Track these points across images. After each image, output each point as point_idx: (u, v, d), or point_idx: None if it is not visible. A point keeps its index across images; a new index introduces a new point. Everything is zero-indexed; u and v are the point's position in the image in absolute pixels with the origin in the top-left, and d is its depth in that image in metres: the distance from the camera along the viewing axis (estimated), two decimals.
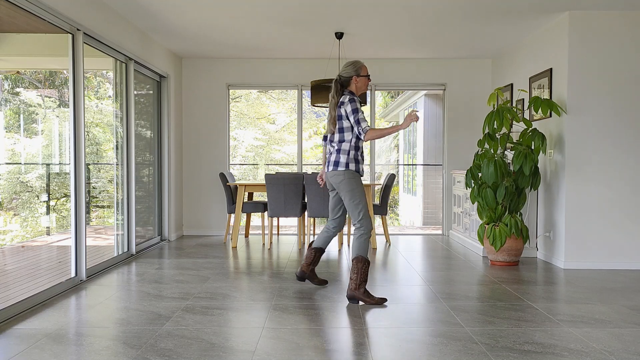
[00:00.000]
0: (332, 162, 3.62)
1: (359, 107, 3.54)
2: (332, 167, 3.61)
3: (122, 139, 5.10)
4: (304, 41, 5.88)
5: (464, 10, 4.69)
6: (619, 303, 3.52)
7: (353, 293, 3.49)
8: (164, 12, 4.81)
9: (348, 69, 3.65)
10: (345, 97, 3.58)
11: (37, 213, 5.71)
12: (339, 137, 3.61)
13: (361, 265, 3.50)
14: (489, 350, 2.60)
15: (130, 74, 5.14)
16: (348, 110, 3.53)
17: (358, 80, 3.66)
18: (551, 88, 5.00)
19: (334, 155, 3.63)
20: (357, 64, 3.67)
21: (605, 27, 4.69)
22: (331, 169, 3.62)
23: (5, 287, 4.12)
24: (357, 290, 3.48)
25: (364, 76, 3.67)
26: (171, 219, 6.36)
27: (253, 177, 13.17)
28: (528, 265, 4.87)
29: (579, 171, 4.72)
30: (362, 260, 3.50)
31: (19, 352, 2.56)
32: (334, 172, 3.60)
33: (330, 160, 3.64)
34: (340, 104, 3.59)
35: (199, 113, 6.83)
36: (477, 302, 3.53)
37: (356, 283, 3.48)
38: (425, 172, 10.75)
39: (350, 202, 3.57)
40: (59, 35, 4.02)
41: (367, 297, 3.48)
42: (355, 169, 3.59)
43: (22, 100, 5.47)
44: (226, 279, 4.22)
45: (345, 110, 3.55)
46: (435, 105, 10.50)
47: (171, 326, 2.96)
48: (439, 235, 6.95)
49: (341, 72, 3.67)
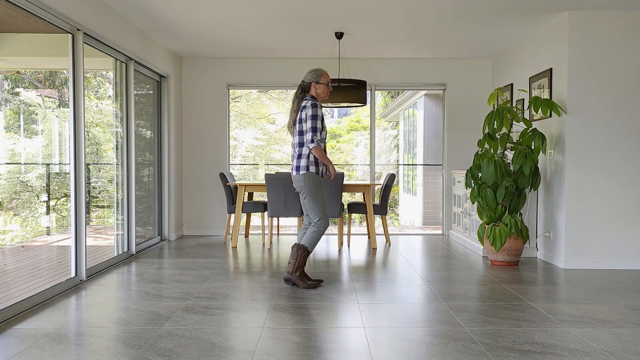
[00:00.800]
0: (295, 167, 3.84)
1: (318, 115, 3.74)
2: (295, 172, 3.83)
3: (122, 139, 5.10)
4: (304, 41, 5.88)
5: (464, 10, 4.69)
6: (619, 303, 3.52)
7: (289, 276, 3.88)
8: (164, 12, 4.81)
9: (310, 75, 3.89)
10: (308, 102, 3.79)
11: (37, 213, 5.71)
12: (299, 140, 3.82)
13: (301, 253, 3.85)
14: (489, 350, 2.60)
15: (130, 74, 5.14)
16: (308, 114, 3.73)
17: (317, 87, 3.87)
18: (551, 88, 5.00)
19: (295, 159, 3.85)
20: (318, 71, 3.89)
21: (605, 27, 4.69)
22: (294, 174, 3.84)
23: (5, 287, 4.12)
24: (294, 273, 3.86)
25: (323, 84, 3.87)
26: (171, 219, 6.36)
27: (253, 177, 13.18)
28: (528, 265, 4.87)
29: (579, 171, 4.72)
30: (302, 249, 3.85)
31: (19, 352, 2.56)
32: (296, 176, 3.82)
33: (293, 165, 3.86)
34: (303, 108, 3.79)
35: (199, 113, 6.83)
36: (477, 302, 3.53)
37: (293, 267, 3.85)
38: (425, 172, 10.75)
39: (310, 203, 3.84)
40: (59, 35, 4.02)
41: (301, 281, 3.85)
42: (315, 171, 3.80)
43: (22, 100, 5.47)
44: (226, 279, 4.22)
45: (306, 114, 3.74)
46: (435, 105, 10.50)
47: (171, 326, 2.96)
48: (439, 235, 6.95)
49: (304, 77, 3.91)
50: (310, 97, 3.83)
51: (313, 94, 3.88)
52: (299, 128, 3.80)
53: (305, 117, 3.74)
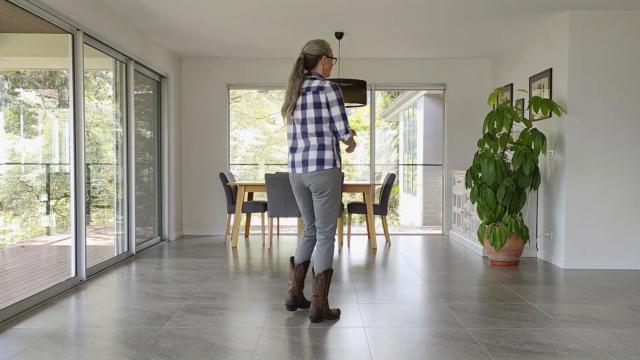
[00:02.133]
0: (314, 160, 3.01)
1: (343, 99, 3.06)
2: (316, 166, 3.01)
3: (122, 139, 5.10)
4: (304, 41, 5.88)
5: (464, 10, 4.69)
6: (619, 303, 3.52)
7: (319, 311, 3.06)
8: (164, 12, 4.81)
9: (316, 46, 3.11)
10: (325, 82, 3.05)
11: (37, 213, 5.71)
12: (316, 129, 3.03)
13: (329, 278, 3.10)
14: (489, 350, 2.60)
15: (130, 74, 5.14)
16: (331, 98, 3.01)
17: (326, 61, 3.14)
18: (551, 88, 5.00)
19: (312, 151, 3.02)
20: (325, 44, 3.15)
21: (605, 27, 4.69)
22: (314, 169, 3.01)
23: (5, 287, 4.12)
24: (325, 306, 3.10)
25: (332, 58, 3.18)
26: (171, 219, 6.36)
27: (253, 177, 13.17)
28: (528, 265, 4.87)
29: (579, 171, 4.72)
30: (329, 273, 3.09)
31: (19, 352, 2.56)
32: (317, 172, 3.01)
33: (308, 159, 3.03)
34: (319, 89, 3.03)
35: (199, 113, 6.83)
36: (477, 302, 3.53)
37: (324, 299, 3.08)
38: (425, 172, 10.75)
39: (330, 207, 3.08)
40: (59, 35, 4.02)
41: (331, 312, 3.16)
42: (340, 167, 3.10)
43: (22, 100, 5.47)
44: (226, 279, 4.22)
45: (327, 98, 3.01)
46: (435, 105, 10.50)
47: (171, 326, 2.96)
48: (439, 235, 6.95)
49: (307, 50, 3.12)
50: (318, 76, 3.11)
51: (319, 72, 3.13)
52: (314, 114, 3.01)
53: (327, 102, 3.01)
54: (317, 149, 3.02)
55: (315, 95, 3.03)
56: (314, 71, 3.14)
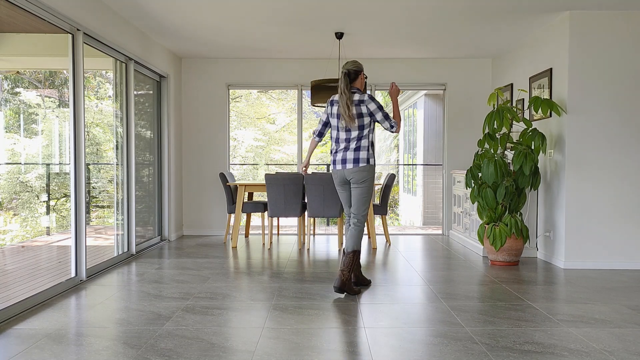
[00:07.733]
0: (357, 159, 3.72)
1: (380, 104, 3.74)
2: (360, 164, 3.71)
3: (122, 139, 5.10)
4: (304, 41, 5.88)
5: (464, 10, 4.69)
6: (619, 303, 3.52)
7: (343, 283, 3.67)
8: (164, 13, 4.81)
9: (357, 64, 3.78)
10: (364, 96, 3.71)
11: (37, 213, 5.71)
12: (358, 134, 3.72)
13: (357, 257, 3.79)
14: (489, 350, 2.60)
15: (130, 74, 5.14)
16: (372, 107, 3.68)
17: (363, 77, 3.81)
18: (551, 88, 5.00)
19: (352, 152, 3.72)
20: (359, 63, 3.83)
21: (605, 27, 4.69)
22: (360, 166, 3.71)
23: (5, 287, 4.11)
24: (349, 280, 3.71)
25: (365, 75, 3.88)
26: (171, 219, 6.36)
27: (253, 177, 13.17)
28: (528, 265, 4.87)
29: (579, 171, 4.72)
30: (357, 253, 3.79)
31: (19, 352, 2.56)
32: (359, 168, 3.71)
33: (348, 158, 3.73)
34: (360, 102, 3.69)
35: (199, 113, 6.83)
36: (477, 302, 3.53)
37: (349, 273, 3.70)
38: (425, 172, 10.75)
39: (366, 197, 3.79)
40: (59, 35, 4.02)
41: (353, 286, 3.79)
42: (374, 163, 3.78)
43: (22, 100, 5.47)
44: (226, 279, 4.22)
45: (368, 108, 3.68)
46: (435, 105, 10.50)
47: (171, 326, 2.96)
48: (439, 235, 6.95)
49: (349, 67, 3.75)
50: (357, 89, 3.75)
51: (358, 85, 3.79)
52: (357, 123, 3.69)
53: (369, 111, 3.68)
54: (358, 149, 3.72)
55: (357, 107, 3.69)
56: (354, 85, 3.77)
